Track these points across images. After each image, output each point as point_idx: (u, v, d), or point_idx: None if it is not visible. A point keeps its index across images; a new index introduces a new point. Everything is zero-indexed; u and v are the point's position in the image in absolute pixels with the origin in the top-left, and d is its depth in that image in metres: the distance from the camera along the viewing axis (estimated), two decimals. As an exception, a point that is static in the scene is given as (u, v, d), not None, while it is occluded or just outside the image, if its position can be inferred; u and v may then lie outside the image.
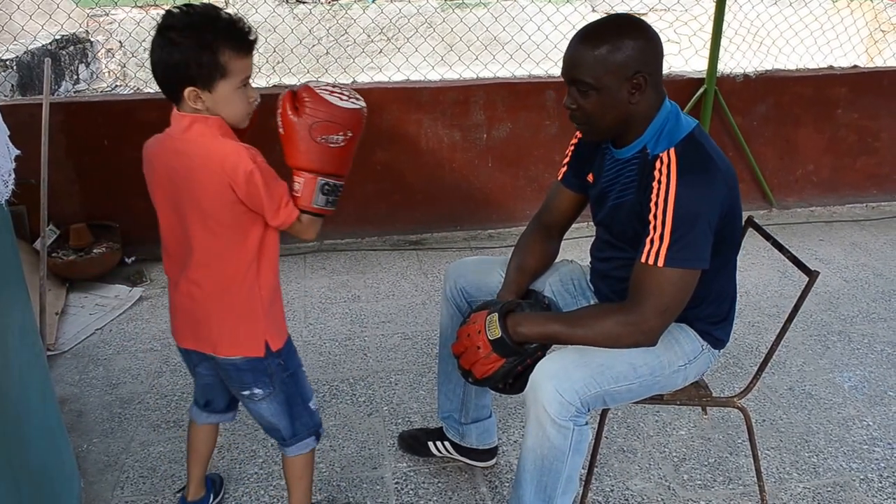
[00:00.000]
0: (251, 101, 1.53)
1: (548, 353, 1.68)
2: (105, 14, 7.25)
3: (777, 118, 4.03)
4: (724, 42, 3.94)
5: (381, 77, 4.08)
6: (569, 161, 1.90)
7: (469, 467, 2.18)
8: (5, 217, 1.66)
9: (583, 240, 2.55)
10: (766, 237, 2.02)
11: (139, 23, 5.65)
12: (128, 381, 2.65)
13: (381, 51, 7.43)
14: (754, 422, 2.03)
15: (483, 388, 2.06)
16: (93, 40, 7.00)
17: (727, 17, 3.92)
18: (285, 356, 1.68)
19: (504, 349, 1.64)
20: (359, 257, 3.64)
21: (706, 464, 2.21)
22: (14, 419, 1.60)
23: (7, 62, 5.10)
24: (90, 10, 7.07)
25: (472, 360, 1.67)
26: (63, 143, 3.37)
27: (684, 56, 4.76)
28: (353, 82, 3.99)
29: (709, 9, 3.67)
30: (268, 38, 6.02)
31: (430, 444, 2.19)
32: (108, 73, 7.20)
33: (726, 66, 4.16)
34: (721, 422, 2.39)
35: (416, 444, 2.23)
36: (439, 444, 2.18)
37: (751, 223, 2.08)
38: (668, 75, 3.80)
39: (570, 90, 1.62)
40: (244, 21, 1.48)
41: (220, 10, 1.46)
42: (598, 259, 1.86)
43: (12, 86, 5.09)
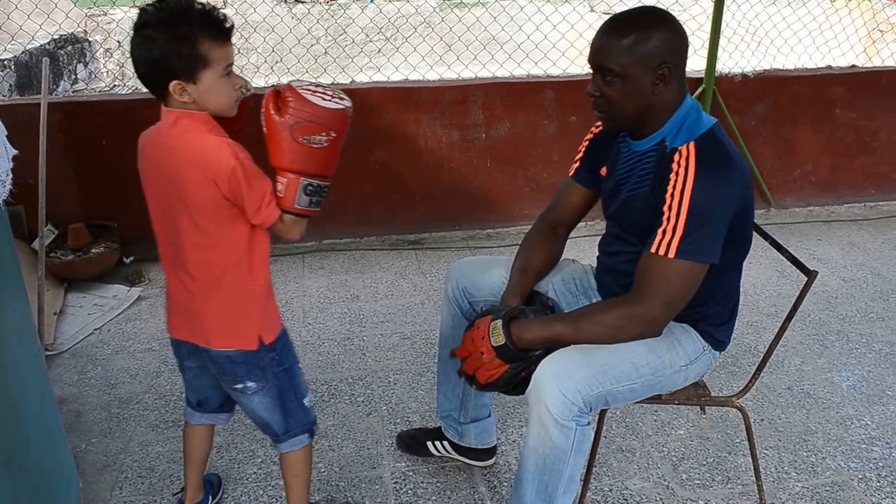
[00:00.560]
0: (237, 87, 1.52)
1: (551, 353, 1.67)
2: (103, 14, 7.24)
3: (775, 118, 4.03)
4: (722, 42, 3.95)
5: (380, 77, 4.08)
6: (582, 156, 1.90)
7: (467, 467, 2.18)
8: (3, 217, 1.66)
9: (581, 239, 2.55)
10: (765, 237, 2.02)
11: (137, 22, 5.64)
12: (126, 380, 2.64)
13: (379, 50, 7.43)
14: (753, 421, 2.03)
15: (482, 389, 2.06)
16: (91, 40, 7.00)
17: (725, 16, 3.92)
18: (280, 350, 1.68)
19: (507, 355, 1.64)
20: (357, 257, 3.64)
21: (705, 463, 2.21)
22: (12, 419, 1.60)
23: (5, 62, 5.10)
24: (88, 9, 7.06)
25: (475, 365, 1.67)
26: (61, 142, 3.36)
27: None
28: (352, 82, 3.99)
29: (707, 8, 3.67)
30: (266, 38, 6.03)
31: (429, 444, 2.19)
32: (107, 72, 7.19)
33: (725, 65, 4.17)
34: (720, 421, 2.39)
35: (414, 444, 2.23)
36: (438, 443, 2.18)
37: (749, 223, 2.08)
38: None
39: (594, 77, 1.63)
40: (217, 9, 1.48)
41: (192, 2, 1.46)
42: (606, 253, 1.86)
43: (10, 86, 5.08)
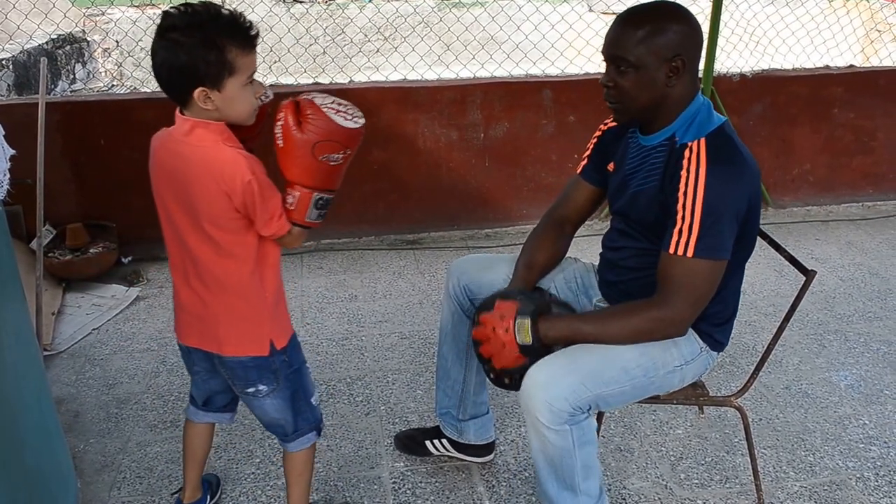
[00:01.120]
0: (258, 96, 1.51)
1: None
2: (101, 13, 7.24)
3: (773, 118, 4.03)
4: (720, 41, 3.95)
5: (378, 76, 4.07)
6: (590, 154, 1.90)
7: (466, 467, 2.18)
8: (1, 217, 1.65)
9: (581, 239, 2.54)
10: (763, 236, 2.02)
11: (135, 22, 5.64)
12: (124, 381, 2.64)
13: (378, 50, 7.43)
14: (751, 421, 2.03)
15: (481, 385, 2.06)
16: (89, 40, 7.00)
17: (723, 16, 3.92)
18: (290, 352, 1.68)
19: (533, 353, 1.64)
20: (356, 257, 3.64)
21: (703, 463, 2.22)
22: (10, 420, 1.59)
23: (3, 62, 5.10)
24: (86, 9, 7.06)
25: (492, 350, 1.67)
26: (59, 142, 3.36)
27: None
28: (350, 82, 3.99)
29: (705, 8, 3.66)
30: (264, 38, 6.01)
31: (428, 443, 2.19)
32: (105, 72, 7.19)
33: (723, 65, 4.17)
34: (718, 421, 2.39)
35: (412, 444, 2.23)
36: (437, 442, 2.18)
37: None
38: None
39: (608, 68, 1.63)
40: (245, 16, 1.46)
41: (220, 7, 1.43)
42: (610, 249, 1.86)
43: (8, 85, 5.08)
